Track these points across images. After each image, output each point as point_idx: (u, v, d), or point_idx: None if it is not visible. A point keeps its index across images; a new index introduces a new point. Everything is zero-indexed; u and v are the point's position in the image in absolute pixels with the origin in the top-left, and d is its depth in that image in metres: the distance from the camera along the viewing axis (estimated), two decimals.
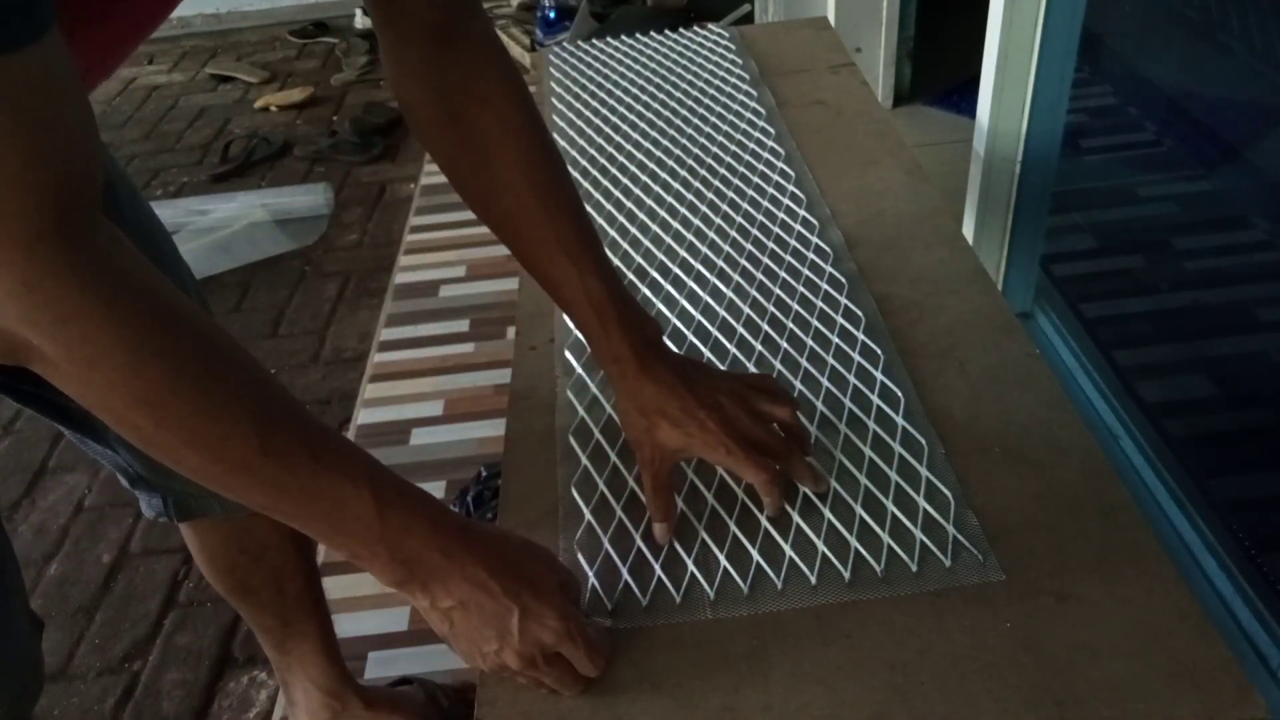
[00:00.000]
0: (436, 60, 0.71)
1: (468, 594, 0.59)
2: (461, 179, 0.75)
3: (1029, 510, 0.71)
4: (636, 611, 0.68)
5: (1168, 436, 1.38)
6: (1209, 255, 1.52)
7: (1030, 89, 1.49)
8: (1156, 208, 1.67)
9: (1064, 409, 0.79)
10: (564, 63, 1.49)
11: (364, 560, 0.59)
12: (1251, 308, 1.41)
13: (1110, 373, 1.51)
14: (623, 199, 1.13)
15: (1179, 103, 1.63)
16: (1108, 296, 1.68)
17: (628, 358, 0.72)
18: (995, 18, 1.46)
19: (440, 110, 0.73)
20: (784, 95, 1.31)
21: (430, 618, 0.62)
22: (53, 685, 1.42)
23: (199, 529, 1.04)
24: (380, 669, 1.36)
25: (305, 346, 2.06)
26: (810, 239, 1.02)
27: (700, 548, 0.72)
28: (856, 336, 0.89)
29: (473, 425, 1.75)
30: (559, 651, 0.61)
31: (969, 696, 0.60)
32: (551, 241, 0.72)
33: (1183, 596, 0.64)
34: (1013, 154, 1.56)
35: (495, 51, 0.73)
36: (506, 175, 0.72)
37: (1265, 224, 1.38)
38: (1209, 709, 0.58)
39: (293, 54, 3.50)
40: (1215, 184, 1.53)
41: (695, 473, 0.78)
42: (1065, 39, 1.45)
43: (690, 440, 0.70)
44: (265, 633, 1.16)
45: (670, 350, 0.75)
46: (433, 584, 0.59)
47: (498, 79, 0.73)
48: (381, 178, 2.66)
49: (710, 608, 0.68)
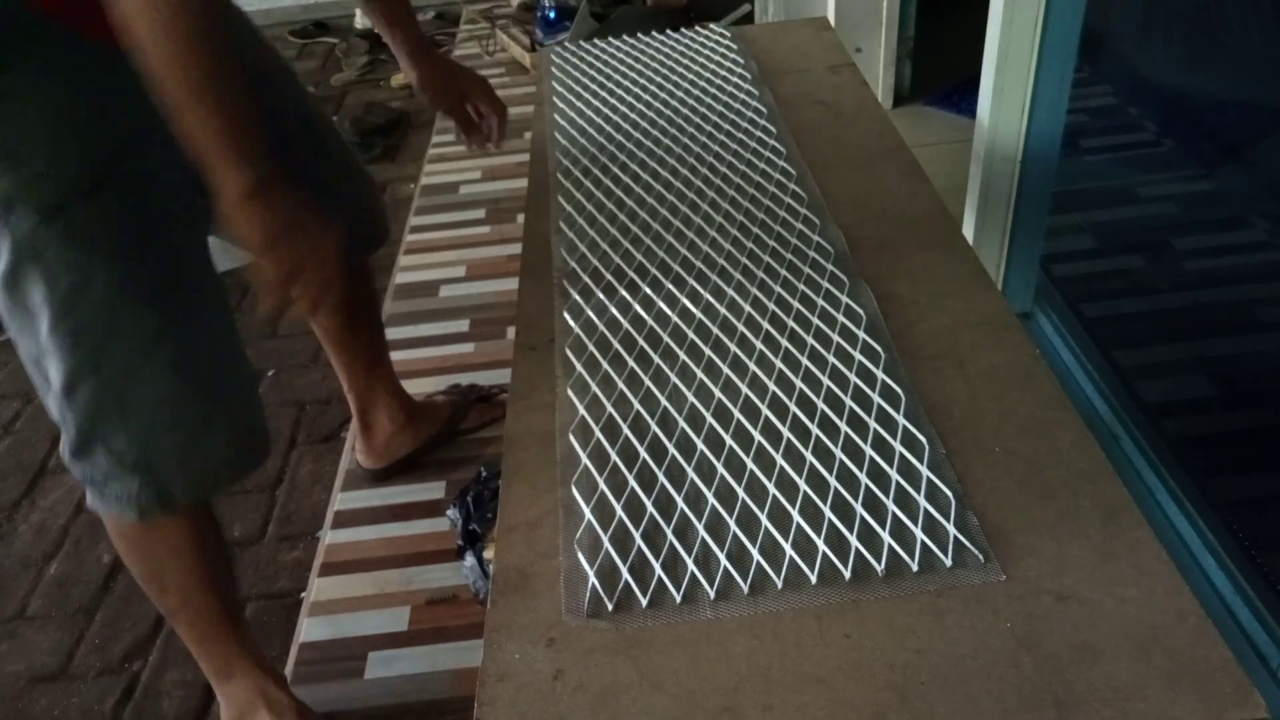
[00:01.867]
0: None
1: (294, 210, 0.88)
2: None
3: (1029, 510, 0.71)
4: (636, 611, 0.68)
5: (1168, 436, 1.38)
6: (1209, 255, 1.52)
7: (1030, 89, 1.49)
8: (1156, 208, 1.67)
9: (1064, 409, 0.79)
10: (564, 63, 1.49)
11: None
12: (1251, 308, 1.41)
13: (1110, 373, 1.51)
14: (624, 198, 1.13)
15: (1179, 103, 1.63)
16: (1108, 296, 1.68)
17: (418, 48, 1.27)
18: (995, 18, 1.46)
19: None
20: (784, 95, 1.31)
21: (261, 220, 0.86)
22: (53, 685, 1.43)
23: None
24: (380, 669, 1.36)
25: (305, 346, 2.05)
26: (811, 238, 1.02)
27: (700, 548, 0.72)
28: (858, 335, 0.89)
29: None
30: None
31: (969, 696, 0.60)
32: None
33: (1183, 596, 0.64)
34: (1013, 154, 1.56)
35: None
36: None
37: (1265, 224, 1.39)
38: (1209, 709, 0.58)
39: (293, 54, 3.50)
40: (1215, 184, 1.54)
41: (696, 472, 0.78)
42: (1065, 39, 1.45)
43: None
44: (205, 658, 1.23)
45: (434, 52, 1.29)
46: (276, 189, 0.86)
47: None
48: (381, 178, 2.66)
49: (710, 608, 0.68)
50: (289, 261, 0.88)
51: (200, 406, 1.01)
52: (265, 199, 0.85)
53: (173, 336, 0.97)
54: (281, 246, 0.88)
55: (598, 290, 0.99)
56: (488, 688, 0.65)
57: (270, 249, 0.87)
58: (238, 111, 0.82)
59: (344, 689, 1.34)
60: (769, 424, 0.81)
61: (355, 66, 3.27)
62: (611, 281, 1.00)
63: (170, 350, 0.97)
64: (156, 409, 0.99)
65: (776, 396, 0.84)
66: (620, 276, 1.00)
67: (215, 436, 1.04)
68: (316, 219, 0.91)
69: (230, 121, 0.82)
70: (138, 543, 1.09)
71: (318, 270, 0.91)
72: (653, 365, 0.89)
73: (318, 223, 0.92)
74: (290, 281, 0.89)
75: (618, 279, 1.00)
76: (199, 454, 1.03)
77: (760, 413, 0.82)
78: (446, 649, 1.37)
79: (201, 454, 1.03)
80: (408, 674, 1.34)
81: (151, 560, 1.11)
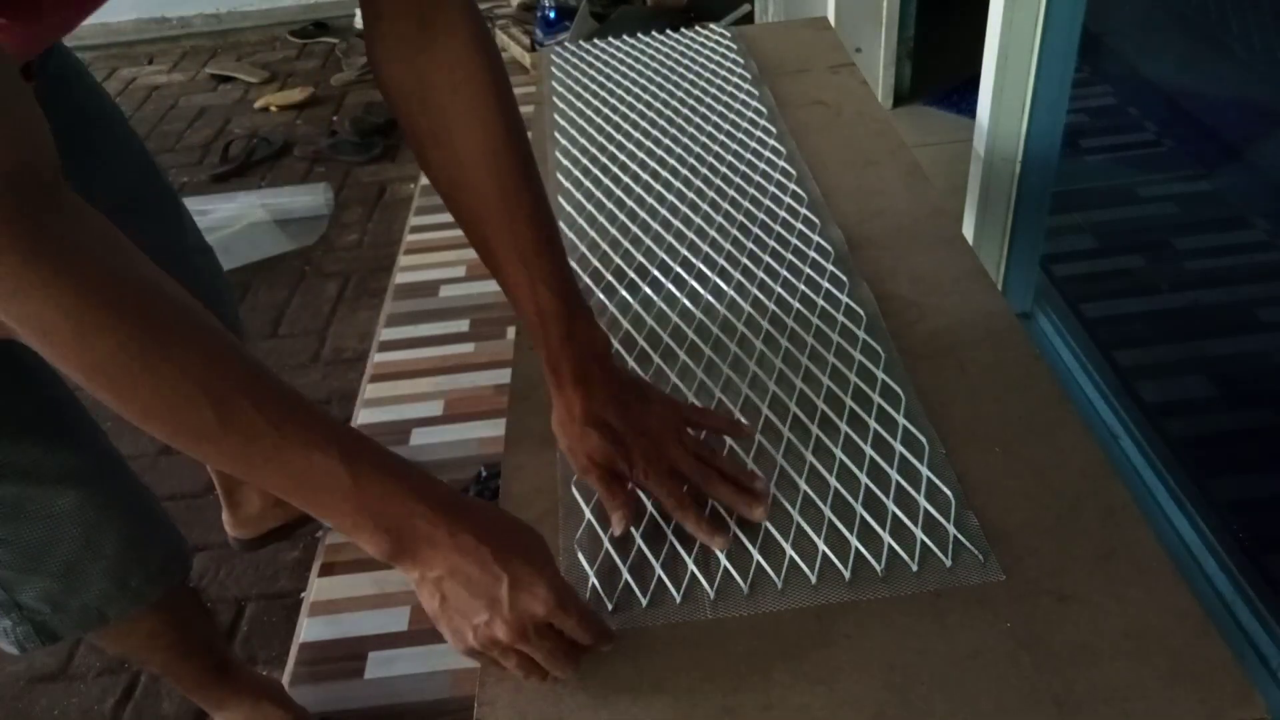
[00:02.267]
0: (414, 41, 0.70)
1: (457, 562, 0.58)
2: (428, 166, 0.74)
3: (1029, 510, 0.71)
4: (637, 611, 0.68)
5: (1168, 436, 1.38)
6: (1209, 255, 1.52)
7: (1030, 89, 1.49)
8: (1156, 208, 1.67)
9: (1064, 409, 0.79)
10: (564, 63, 1.49)
11: (350, 531, 0.58)
12: (1251, 308, 1.41)
13: (1110, 373, 1.51)
14: (624, 198, 1.13)
15: (1179, 103, 1.63)
16: (1108, 296, 1.68)
17: (565, 370, 0.73)
18: (995, 18, 1.46)
19: (413, 93, 0.72)
20: (784, 95, 1.31)
21: (421, 593, 0.60)
22: (53, 685, 1.43)
23: None
24: (380, 669, 1.36)
25: (305, 346, 2.06)
26: (811, 238, 1.02)
27: (700, 548, 0.72)
28: (858, 335, 0.89)
29: (473, 425, 1.75)
30: (550, 624, 0.60)
31: (969, 696, 0.60)
32: (508, 243, 0.72)
33: (1183, 596, 0.64)
34: (1013, 154, 1.56)
35: (476, 40, 0.72)
36: (470, 169, 0.71)
37: (1265, 224, 1.39)
38: (1209, 709, 0.58)
39: (293, 54, 3.50)
40: (1215, 184, 1.54)
41: None
42: (1065, 39, 1.45)
43: (613, 459, 0.72)
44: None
45: (614, 367, 0.76)
46: (421, 552, 0.58)
47: (473, 68, 0.71)
48: (381, 178, 2.66)
49: (710, 608, 0.68)
50: (506, 611, 0.59)
51: (63, 552, 0.92)
52: (415, 556, 0.58)
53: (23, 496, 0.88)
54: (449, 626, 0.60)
55: (598, 290, 0.99)
56: (488, 688, 0.65)
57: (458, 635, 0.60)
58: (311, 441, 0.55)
59: (344, 689, 1.34)
60: (770, 424, 0.81)
61: (355, 66, 3.27)
62: (612, 282, 1.00)
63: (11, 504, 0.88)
64: (12, 560, 0.90)
65: (777, 396, 0.84)
66: (620, 277, 1.00)
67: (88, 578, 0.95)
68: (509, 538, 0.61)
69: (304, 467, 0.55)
70: (107, 636, 1.05)
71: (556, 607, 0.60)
72: (653, 365, 0.89)
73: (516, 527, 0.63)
74: (524, 638, 0.60)
75: (618, 279, 1.00)
76: (71, 596, 0.95)
77: (761, 413, 0.82)
78: (446, 649, 1.35)
79: (75, 595, 0.95)
80: (408, 674, 1.34)
81: (129, 648, 1.11)
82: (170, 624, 1.08)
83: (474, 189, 0.72)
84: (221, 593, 1.53)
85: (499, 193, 0.72)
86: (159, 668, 1.15)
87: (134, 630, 1.05)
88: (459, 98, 0.71)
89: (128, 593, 0.98)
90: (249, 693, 1.23)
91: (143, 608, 1.00)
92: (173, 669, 1.15)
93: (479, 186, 0.72)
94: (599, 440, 0.72)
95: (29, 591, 0.92)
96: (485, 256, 0.75)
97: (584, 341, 0.74)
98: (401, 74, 0.72)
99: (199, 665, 1.17)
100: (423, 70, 0.71)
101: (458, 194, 0.73)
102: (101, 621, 0.98)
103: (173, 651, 1.12)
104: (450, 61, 0.71)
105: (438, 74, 0.71)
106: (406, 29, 0.71)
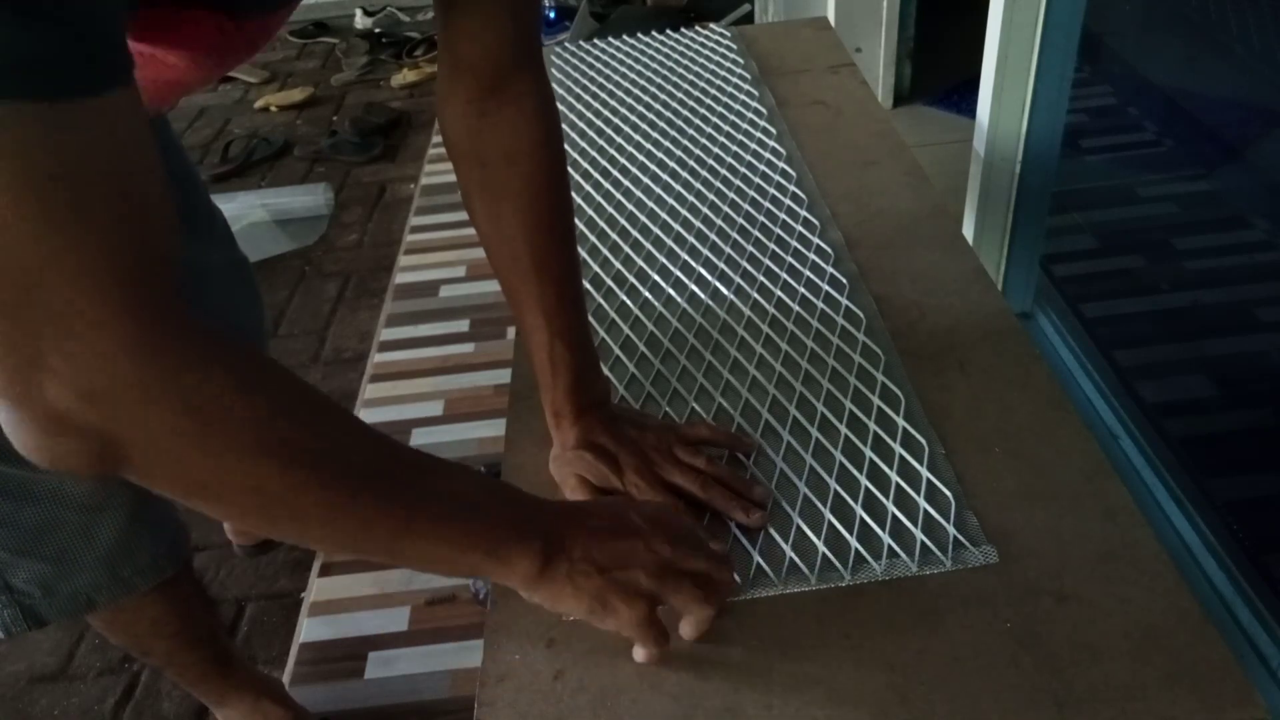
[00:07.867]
0: (479, 105, 0.72)
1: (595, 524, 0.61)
2: (473, 214, 0.76)
3: (1029, 510, 0.71)
4: None
5: (1168, 436, 1.38)
6: (1209, 255, 1.52)
7: (1030, 89, 1.49)
8: (1156, 208, 1.67)
9: (1064, 409, 0.79)
10: (564, 63, 1.49)
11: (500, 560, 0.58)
12: (1251, 308, 1.41)
13: (1110, 373, 1.51)
14: (623, 200, 1.13)
15: (1179, 103, 1.63)
16: (1108, 296, 1.68)
17: (566, 414, 0.76)
18: (995, 18, 1.46)
19: (471, 150, 0.74)
20: (784, 95, 1.31)
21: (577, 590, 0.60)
22: (53, 685, 1.43)
23: None
24: (380, 669, 1.36)
25: (305, 346, 2.06)
26: (811, 239, 1.02)
27: None
28: (857, 338, 0.89)
29: (473, 425, 1.75)
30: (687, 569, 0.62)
31: (969, 696, 0.60)
32: (534, 297, 0.75)
33: (1183, 596, 0.64)
34: (1013, 154, 1.56)
35: (540, 112, 0.74)
36: (511, 231, 0.74)
37: (1265, 224, 1.39)
38: (1209, 709, 0.58)
39: (293, 54, 3.50)
40: (1215, 184, 1.54)
41: None
42: (1065, 39, 1.45)
43: (605, 476, 0.73)
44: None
45: (612, 408, 0.78)
46: (566, 538, 0.60)
47: (531, 142, 0.73)
48: (381, 178, 2.66)
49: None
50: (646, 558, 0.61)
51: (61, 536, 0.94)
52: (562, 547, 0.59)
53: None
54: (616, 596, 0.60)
55: (598, 295, 0.99)
56: (488, 688, 0.65)
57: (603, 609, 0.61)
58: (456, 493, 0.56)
59: (344, 689, 1.34)
60: (769, 427, 0.81)
61: (355, 66, 3.27)
62: (612, 287, 1.00)
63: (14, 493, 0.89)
64: (9, 541, 0.92)
65: (777, 400, 0.84)
66: (621, 282, 1.00)
67: (81, 564, 0.96)
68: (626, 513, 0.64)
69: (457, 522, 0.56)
70: (114, 622, 1.07)
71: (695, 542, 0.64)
72: (653, 369, 0.89)
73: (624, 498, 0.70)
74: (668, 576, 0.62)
75: (618, 284, 1.00)
76: (62, 581, 0.96)
77: (761, 417, 0.82)
78: (446, 649, 1.37)
79: (67, 580, 0.96)
80: (408, 674, 1.35)
81: (132, 635, 1.11)
82: (175, 613, 1.10)
83: (511, 246, 0.75)
84: (221, 593, 1.53)
85: (532, 256, 0.74)
86: (162, 658, 1.16)
87: (139, 618, 1.07)
88: (515, 170, 0.73)
89: (118, 582, 1.00)
90: (250, 689, 1.23)
91: (133, 597, 1.02)
92: (176, 659, 1.16)
93: (516, 247, 0.74)
94: (591, 459, 0.74)
95: (21, 574, 0.94)
96: (508, 295, 0.77)
97: (588, 388, 0.77)
98: (463, 130, 0.73)
99: (202, 656, 1.17)
100: (484, 132, 0.73)
101: (494, 244, 0.76)
102: (89, 608, 1.00)
103: (176, 640, 1.13)
104: (512, 131, 0.73)
105: (499, 140, 0.73)
106: (473, 90, 0.72)
